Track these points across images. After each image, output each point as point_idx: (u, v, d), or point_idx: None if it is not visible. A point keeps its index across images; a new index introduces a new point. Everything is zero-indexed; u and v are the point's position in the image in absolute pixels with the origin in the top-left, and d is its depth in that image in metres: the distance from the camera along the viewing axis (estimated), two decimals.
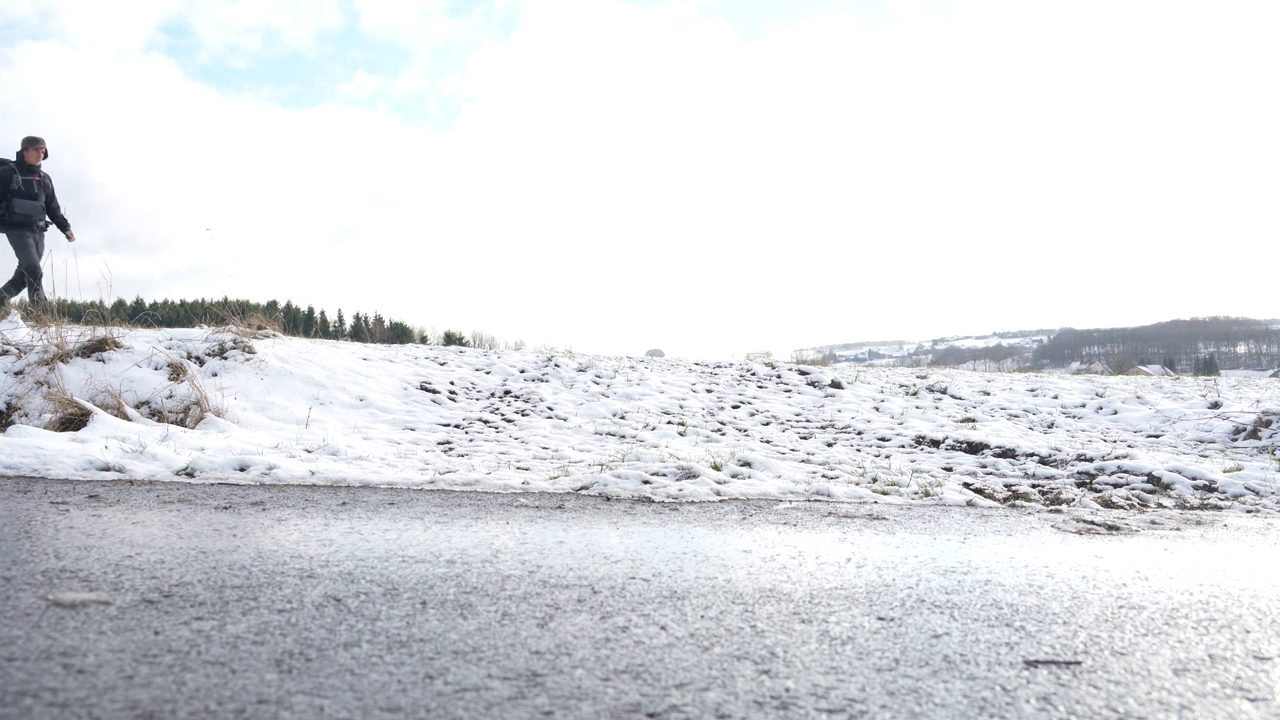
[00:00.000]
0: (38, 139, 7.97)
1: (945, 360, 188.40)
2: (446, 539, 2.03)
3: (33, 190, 7.73)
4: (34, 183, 7.76)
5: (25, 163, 7.84)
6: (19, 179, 7.67)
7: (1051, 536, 2.34)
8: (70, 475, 3.02)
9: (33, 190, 7.73)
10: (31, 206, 7.67)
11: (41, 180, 7.87)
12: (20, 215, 7.68)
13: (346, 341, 7.83)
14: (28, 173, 7.76)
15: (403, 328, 74.18)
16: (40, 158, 7.92)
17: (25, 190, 7.75)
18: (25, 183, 7.73)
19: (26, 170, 7.78)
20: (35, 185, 7.77)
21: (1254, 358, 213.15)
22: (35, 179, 7.77)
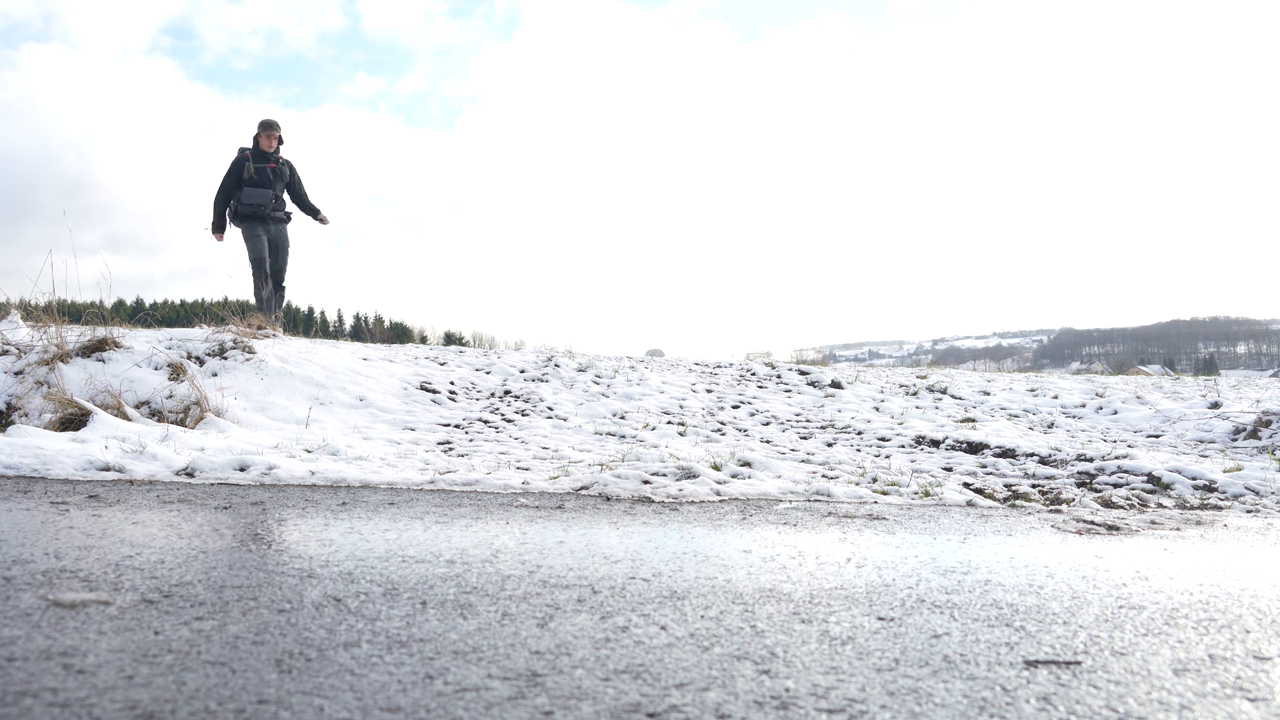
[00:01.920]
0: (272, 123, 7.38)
1: (945, 360, 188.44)
2: (446, 539, 2.03)
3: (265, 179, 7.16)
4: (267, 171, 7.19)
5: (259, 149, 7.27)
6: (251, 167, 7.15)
7: (1051, 536, 2.34)
8: (70, 475, 3.02)
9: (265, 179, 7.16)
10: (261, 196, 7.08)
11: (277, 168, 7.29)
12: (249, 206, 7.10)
13: (347, 341, 7.82)
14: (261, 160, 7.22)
15: (403, 328, 74.18)
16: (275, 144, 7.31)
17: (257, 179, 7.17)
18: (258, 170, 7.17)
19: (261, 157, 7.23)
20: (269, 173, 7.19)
21: (1254, 358, 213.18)
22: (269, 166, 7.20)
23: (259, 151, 7.31)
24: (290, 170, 7.46)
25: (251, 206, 7.14)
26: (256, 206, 7.14)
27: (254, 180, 7.18)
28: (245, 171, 7.17)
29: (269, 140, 7.31)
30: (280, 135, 7.39)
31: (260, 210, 7.14)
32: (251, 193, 7.14)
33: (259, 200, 7.12)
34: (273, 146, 7.30)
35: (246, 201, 7.11)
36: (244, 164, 7.16)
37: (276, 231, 7.34)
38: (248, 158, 7.19)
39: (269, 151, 7.31)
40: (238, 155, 7.26)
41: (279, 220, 7.35)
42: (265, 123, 7.41)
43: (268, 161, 7.25)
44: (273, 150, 7.31)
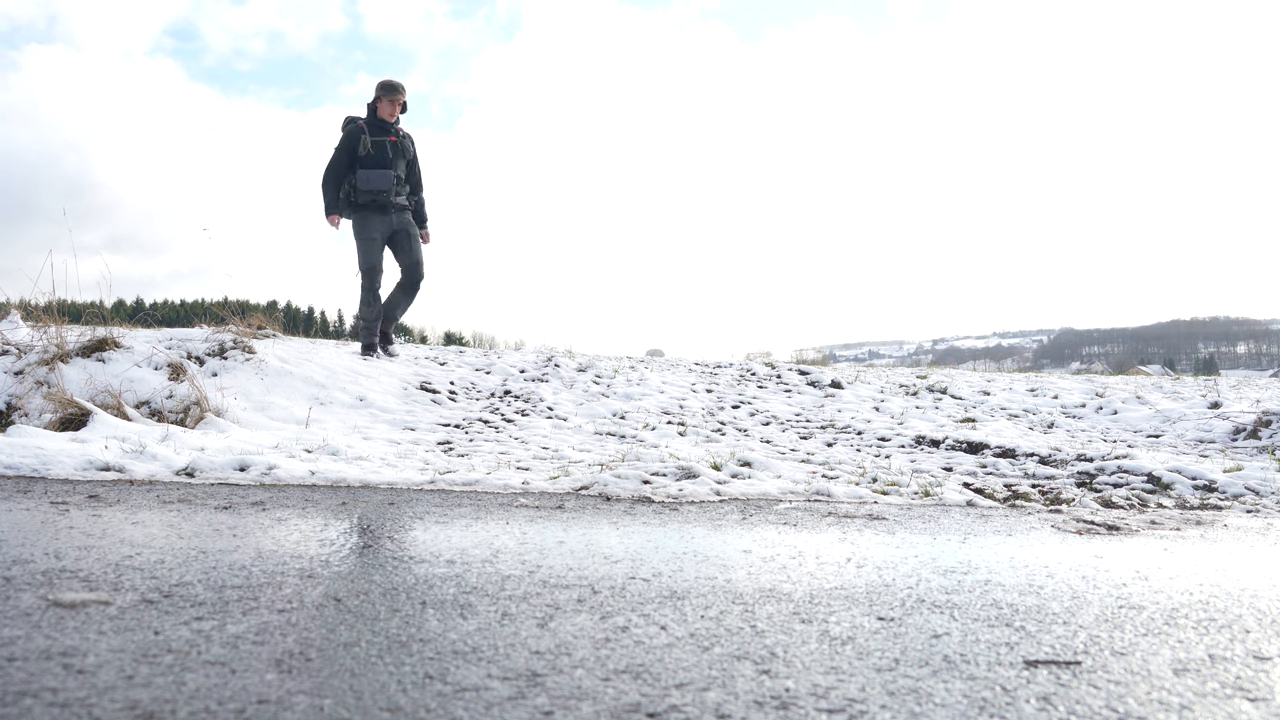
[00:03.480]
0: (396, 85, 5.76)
1: (945, 360, 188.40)
2: (446, 539, 2.03)
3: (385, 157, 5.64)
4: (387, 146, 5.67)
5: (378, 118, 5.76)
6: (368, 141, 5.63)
7: (1051, 536, 2.34)
8: (70, 475, 3.02)
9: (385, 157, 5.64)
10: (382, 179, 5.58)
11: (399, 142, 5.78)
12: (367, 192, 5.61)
13: (347, 341, 7.82)
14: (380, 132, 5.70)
15: (403, 327, 74.26)
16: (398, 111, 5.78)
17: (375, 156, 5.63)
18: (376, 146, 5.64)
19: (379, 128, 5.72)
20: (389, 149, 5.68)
21: (1254, 358, 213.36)
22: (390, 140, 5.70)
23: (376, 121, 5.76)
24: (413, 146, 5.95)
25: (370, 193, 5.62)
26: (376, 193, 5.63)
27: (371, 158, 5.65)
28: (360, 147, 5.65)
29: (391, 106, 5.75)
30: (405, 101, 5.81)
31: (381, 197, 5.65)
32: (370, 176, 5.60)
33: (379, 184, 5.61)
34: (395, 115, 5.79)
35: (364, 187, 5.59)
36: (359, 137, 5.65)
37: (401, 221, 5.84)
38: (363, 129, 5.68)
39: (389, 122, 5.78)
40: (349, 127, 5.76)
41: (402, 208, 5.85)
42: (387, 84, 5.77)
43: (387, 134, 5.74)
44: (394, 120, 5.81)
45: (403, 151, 5.85)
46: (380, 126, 5.75)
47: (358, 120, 5.79)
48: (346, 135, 5.74)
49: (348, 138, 5.73)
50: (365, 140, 5.66)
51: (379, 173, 5.64)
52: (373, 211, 5.70)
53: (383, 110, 5.75)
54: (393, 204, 5.75)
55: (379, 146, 5.69)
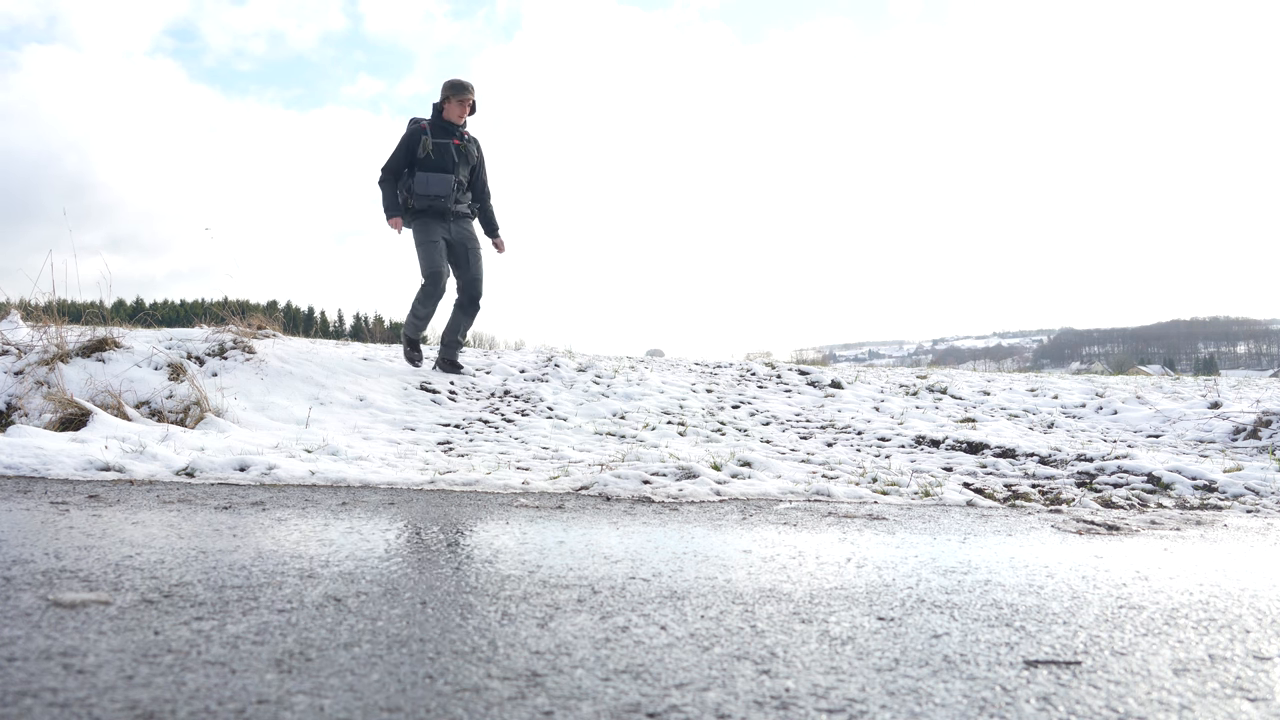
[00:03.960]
0: (465, 85, 5.40)
1: (945, 360, 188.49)
2: (446, 539, 2.03)
3: (447, 160, 5.34)
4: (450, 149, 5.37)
5: (443, 119, 5.42)
6: (429, 142, 5.31)
7: (1051, 536, 2.34)
8: (70, 475, 3.02)
9: (447, 160, 5.34)
10: (441, 183, 5.29)
11: (463, 146, 5.45)
12: (425, 197, 5.30)
13: (347, 341, 7.81)
14: (444, 134, 5.38)
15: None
16: (466, 113, 5.43)
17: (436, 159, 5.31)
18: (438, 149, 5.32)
19: (443, 130, 5.39)
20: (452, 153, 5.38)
21: (1254, 358, 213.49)
22: (454, 144, 5.39)
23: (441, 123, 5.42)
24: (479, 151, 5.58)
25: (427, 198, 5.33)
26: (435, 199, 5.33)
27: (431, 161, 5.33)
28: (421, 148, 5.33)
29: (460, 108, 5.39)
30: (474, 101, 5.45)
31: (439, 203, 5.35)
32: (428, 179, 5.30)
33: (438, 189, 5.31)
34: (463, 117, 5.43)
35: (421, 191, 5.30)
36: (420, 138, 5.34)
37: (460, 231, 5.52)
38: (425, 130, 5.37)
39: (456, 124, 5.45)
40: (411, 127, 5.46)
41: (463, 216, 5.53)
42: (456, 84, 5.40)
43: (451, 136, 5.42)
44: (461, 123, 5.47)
45: (466, 156, 5.49)
46: (445, 128, 5.43)
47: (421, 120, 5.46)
48: (408, 134, 5.43)
49: (409, 137, 5.41)
50: (426, 141, 5.32)
51: (438, 177, 5.32)
52: (431, 217, 5.42)
53: (450, 111, 5.41)
54: (452, 211, 5.43)
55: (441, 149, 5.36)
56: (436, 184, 5.32)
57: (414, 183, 5.32)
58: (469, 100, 5.41)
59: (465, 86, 5.40)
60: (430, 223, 5.42)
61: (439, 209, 5.38)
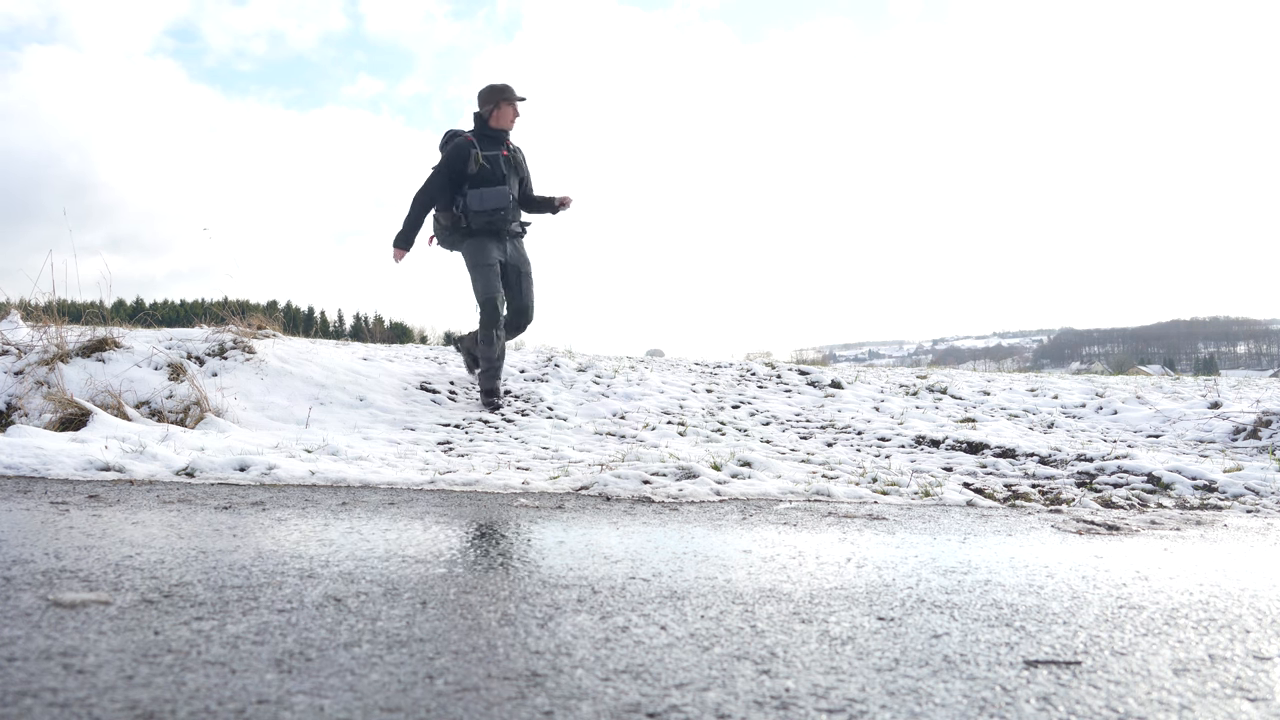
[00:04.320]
0: (507, 89, 4.88)
1: (945, 360, 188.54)
2: (446, 539, 2.03)
3: (498, 173, 4.84)
4: (500, 161, 4.87)
5: (490, 128, 4.92)
6: (479, 155, 4.79)
7: (1051, 536, 2.34)
8: (70, 475, 3.02)
9: (498, 173, 4.84)
10: (498, 197, 4.79)
11: (511, 157, 4.98)
12: (483, 214, 4.80)
13: (347, 341, 7.80)
14: (492, 145, 4.89)
15: (403, 328, 74.26)
16: (513, 120, 4.94)
17: (490, 173, 4.82)
18: (490, 161, 4.82)
19: (491, 141, 4.90)
20: (503, 165, 4.88)
21: (1254, 358, 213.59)
22: (502, 155, 4.90)
23: (488, 133, 4.92)
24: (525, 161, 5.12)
25: (486, 215, 4.81)
26: (493, 215, 4.81)
27: (485, 176, 4.82)
28: (471, 163, 4.80)
29: (508, 115, 4.91)
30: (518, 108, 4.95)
31: (498, 218, 4.83)
32: (485, 195, 4.80)
33: (496, 203, 4.81)
34: (511, 124, 4.95)
35: (478, 207, 4.78)
36: (469, 151, 4.80)
37: (515, 252, 5.07)
38: (473, 143, 4.83)
39: (504, 132, 4.95)
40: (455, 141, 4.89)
41: (517, 235, 5.07)
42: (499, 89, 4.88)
43: (500, 147, 4.92)
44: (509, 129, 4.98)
45: (516, 167, 5.01)
46: (492, 138, 4.91)
47: (462, 133, 4.94)
48: (453, 151, 4.84)
49: (454, 153, 4.82)
50: (476, 155, 4.79)
51: (495, 190, 4.80)
52: (488, 237, 4.89)
53: (502, 117, 4.89)
54: (508, 230, 4.95)
55: (492, 161, 4.85)
56: (494, 198, 4.81)
57: (468, 199, 4.79)
58: (513, 105, 4.92)
59: (506, 92, 4.88)
60: (486, 243, 4.90)
61: (496, 226, 4.88)
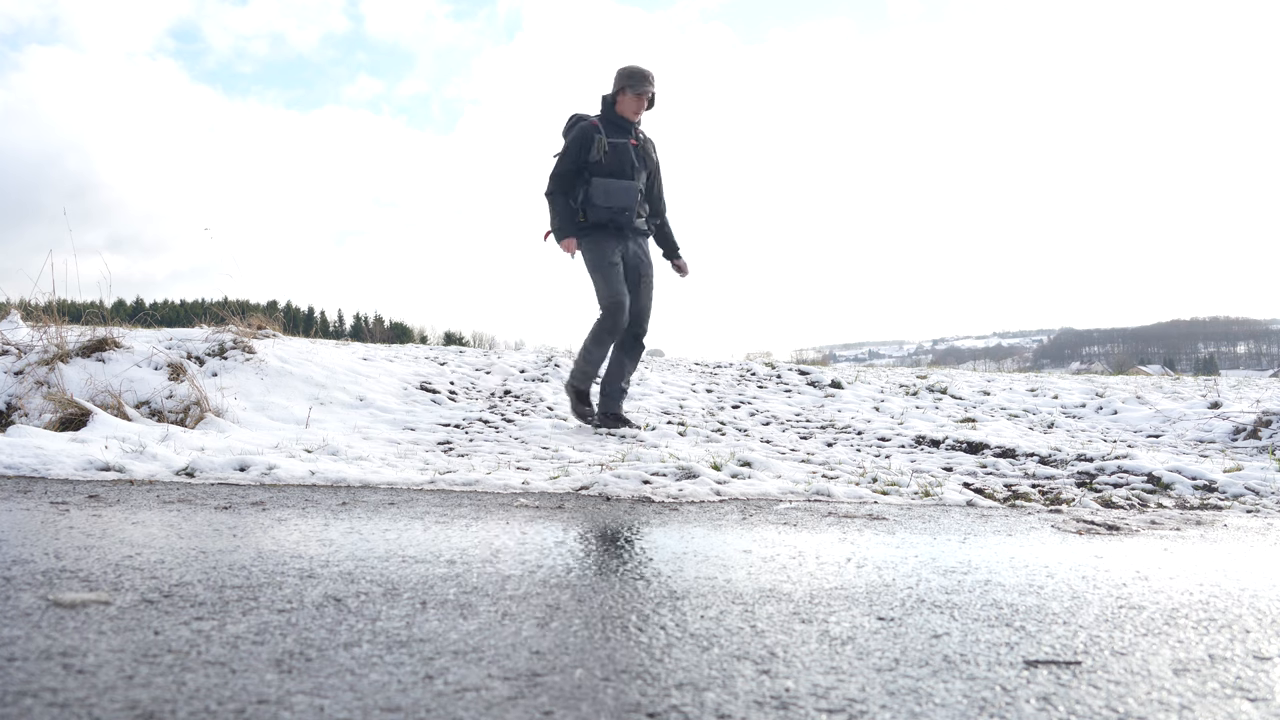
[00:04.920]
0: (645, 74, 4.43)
1: (945, 360, 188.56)
2: (446, 539, 2.03)
3: (626, 164, 4.40)
4: (628, 151, 4.43)
5: (617, 115, 4.48)
6: (604, 142, 4.37)
7: (1051, 536, 2.34)
8: (70, 475, 3.02)
9: (626, 164, 4.40)
10: (624, 193, 4.35)
11: (640, 148, 4.52)
12: (605, 209, 4.37)
13: (347, 341, 7.80)
14: (619, 133, 4.44)
15: (403, 328, 74.26)
16: (636, 113, 4.47)
17: (614, 163, 4.38)
18: (615, 150, 4.38)
19: (618, 129, 4.45)
20: (631, 155, 4.44)
21: (1254, 358, 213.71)
22: (630, 144, 4.45)
23: (615, 119, 4.48)
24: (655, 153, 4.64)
25: (609, 211, 4.38)
26: (617, 211, 4.39)
27: (608, 166, 4.38)
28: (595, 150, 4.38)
29: (637, 101, 4.44)
30: (654, 94, 4.47)
31: (622, 216, 4.41)
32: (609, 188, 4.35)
33: (621, 200, 4.36)
34: (639, 113, 4.49)
35: (601, 202, 4.36)
36: (594, 138, 4.39)
37: (636, 252, 4.59)
38: (598, 129, 4.41)
39: (632, 121, 4.49)
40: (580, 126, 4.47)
41: (640, 233, 4.60)
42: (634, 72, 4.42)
43: (627, 136, 4.46)
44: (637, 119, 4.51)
45: (645, 159, 4.53)
46: (620, 126, 4.47)
47: (588, 118, 4.52)
48: (578, 136, 4.44)
49: (579, 138, 4.43)
50: (601, 142, 4.36)
51: (620, 184, 4.36)
52: (608, 234, 4.44)
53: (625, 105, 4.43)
54: (633, 227, 4.49)
55: (618, 151, 4.40)
56: (620, 193, 4.35)
57: (591, 191, 4.35)
58: (649, 93, 4.43)
59: (645, 76, 4.41)
60: (605, 241, 4.44)
61: (620, 223, 4.42)
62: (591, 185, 4.37)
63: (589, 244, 4.47)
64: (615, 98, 4.48)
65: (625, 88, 4.43)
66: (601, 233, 4.46)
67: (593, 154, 4.39)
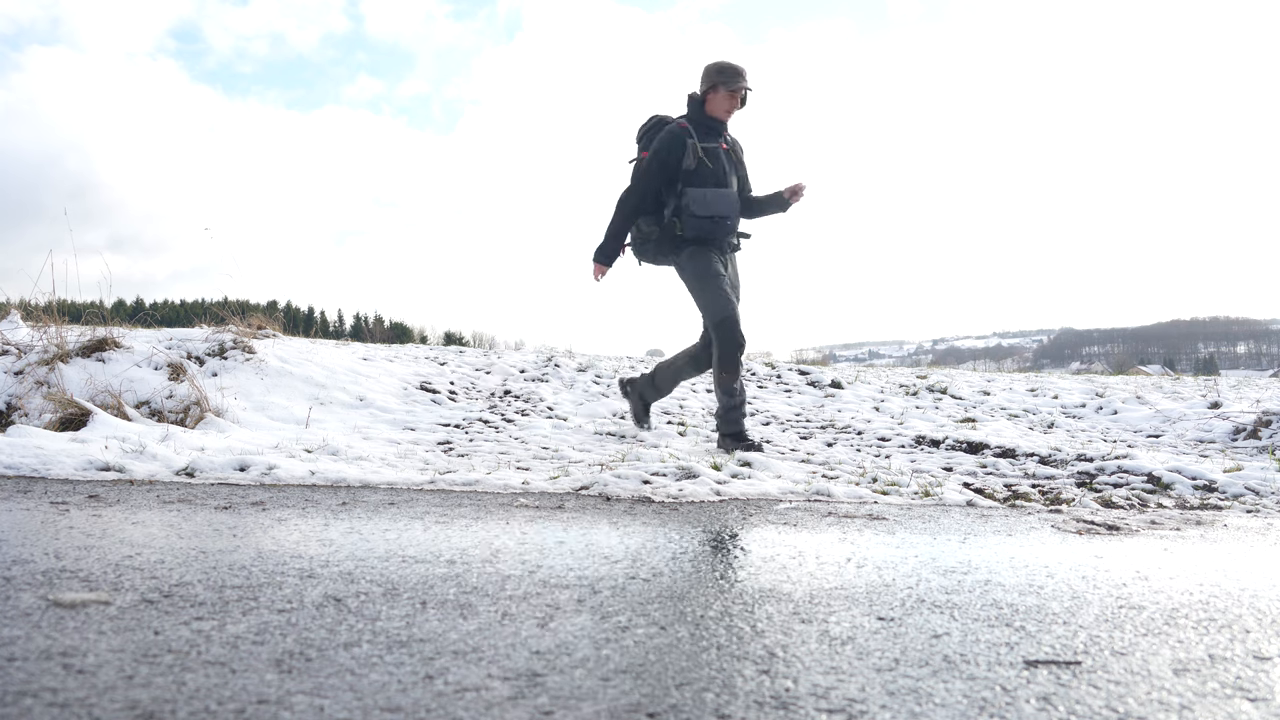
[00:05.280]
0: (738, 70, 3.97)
1: (945, 360, 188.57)
2: (446, 539, 2.03)
3: (720, 171, 3.98)
4: (720, 156, 4.01)
5: (707, 115, 4.04)
6: (696, 148, 3.93)
7: (1051, 536, 2.34)
8: (70, 475, 3.02)
9: (720, 171, 3.98)
10: (725, 202, 3.94)
11: (731, 151, 4.10)
12: (703, 220, 3.92)
13: (347, 341, 7.80)
14: (710, 135, 4.01)
15: (403, 328, 74.28)
16: (728, 112, 4.01)
17: (710, 170, 3.95)
18: (709, 155, 3.96)
19: (708, 131, 4.02)
20: (724, 160, 4.02)
21: (1254, 358, 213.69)
22: (721, 148, 4.02)
23: (705, 120, 4.04)
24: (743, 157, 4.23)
25: (708, 222, 3.93)
26: (718, 221, 3.95)
27: (705, 173, 3.95)
28: (689, 155, 3.93)
29: (730, 100, 3.99)
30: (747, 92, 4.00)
31: (723, 228, 3.98)
32: (710, 197, 3.92)
33: (722, 209, 3.94)
34: (732, 113, 4.03)
35: (701, 212, 3.90)
36: (685, 143, 3.94)
37: (732, 268, 4.18)
38: (689, 131, 3.96)
39: (723, 122, 4.06)
40: (669, 130, 3.99)
41: (734, 248, 4.18)
42: (727, 69, 3.97)
43: (719, 139, 4.04)
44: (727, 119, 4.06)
45: (736, 164, 4.13)
46: (710, 128, 4.03)
47: (671, 119, 4.08)
48: (666, 141, 3.95)
49: (668, 144, 3.93)
50: (694, 147, 3.92)
51: (720, 193, 3.94)
52: (708, 247, 4.00)
53: (717, 104, 3.99)
54: (729, 242, 4.08)
55: (712, 155, 3.97)
56: (720, 202, 3.93)
57: (689, 201, 3.89)
58: (743, 89, 3.97)
59: (739, 71, 3.96)
60: (706, 252, 4.00)
61: (720, 234, 3.99)
62: (687, 195, 3.92)
63: (690, 256, 4.01)
64: (705, 96, 4.02)
65: (717, 84, 3.97)
66: (706, 244, 4.03)
67: (685, 161, 3.92)
